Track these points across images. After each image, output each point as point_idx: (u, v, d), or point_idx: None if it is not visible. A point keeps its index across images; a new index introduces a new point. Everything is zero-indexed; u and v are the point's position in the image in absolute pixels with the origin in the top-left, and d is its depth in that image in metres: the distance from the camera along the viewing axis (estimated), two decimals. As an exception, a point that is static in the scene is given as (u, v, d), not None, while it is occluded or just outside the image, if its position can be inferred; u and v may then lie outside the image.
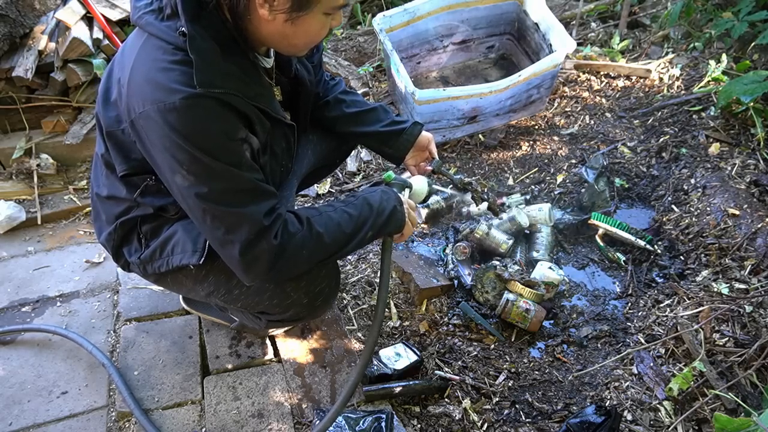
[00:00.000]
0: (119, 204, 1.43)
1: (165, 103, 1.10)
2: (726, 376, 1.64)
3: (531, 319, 1.92)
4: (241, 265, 1.25)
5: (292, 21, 1.16)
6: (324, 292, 1.50)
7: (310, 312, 1.55)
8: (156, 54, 1.15)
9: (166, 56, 1.13)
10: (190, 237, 1.39)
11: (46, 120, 2.60)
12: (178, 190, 1.22)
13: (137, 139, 1.21)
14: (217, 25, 1.17)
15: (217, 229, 1.22)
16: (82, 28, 2.56)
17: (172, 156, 1.15)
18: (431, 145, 1.78)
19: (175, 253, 1.42)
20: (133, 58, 1.17)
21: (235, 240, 1.22)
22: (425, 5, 2.92)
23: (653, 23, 3.62)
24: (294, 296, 1.46)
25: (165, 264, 1.44)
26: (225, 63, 1.16)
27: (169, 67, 1.12)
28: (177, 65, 1.12)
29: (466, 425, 1.65)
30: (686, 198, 2.37)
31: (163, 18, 1.16)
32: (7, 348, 1.85)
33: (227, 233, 1.22)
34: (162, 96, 1.11)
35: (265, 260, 1.25)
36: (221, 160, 1.16)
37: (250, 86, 1.23)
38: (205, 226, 1.24)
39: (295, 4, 1.13)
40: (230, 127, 1.17)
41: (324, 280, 1.48)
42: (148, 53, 1.16)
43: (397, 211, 1.46)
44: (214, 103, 1.13)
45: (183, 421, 1.61)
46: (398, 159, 1.77)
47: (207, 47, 1.13)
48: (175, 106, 1.10)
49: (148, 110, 1.12)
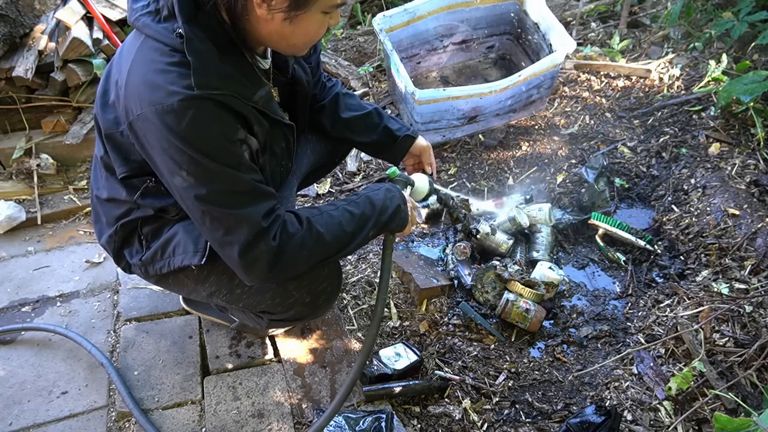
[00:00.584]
0: (119, 206, 1.43)
1: (163, 105, 1.10)
2: (726, 376, 1.64)
3: (531, 319, 1.92)
4: (240, 265, 1.26)
5: (290, 20, 1.16)
6: (326, 291, 1.50)
7: (312, 311, 1.55)
8: (153, 56, 1.14)
9: (163, 58, 1.13)
10: (191, 238, 1.39)
11: (46, 120, 2.60)
12: (178, 191, 1.22)
13: (136, 141, 1.21)
14: (214, 26, 1.16)
15: (216, 230, 1.22)
16: (82, 28, 2.56)
17: (171, 158, 1.15)
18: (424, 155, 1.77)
19: (176, 254, 1.41)
20: (131, 59, 1.17)
21: (234, 241, 1.22)
22: (425, 5, 2.92)
23: (653, 23, 3.62)
24: (296, 295, 1.46)
25: (166, 265, 1.44)
26: (222, 64, 1.16)
27: (166, 68, 1.12)
28: (174, 67, 1.12)
29: (466, 425, 1.65)
30: (686, 198, 2.37)
31: (160, 19, 1.16)
32: (7, 348, 1.85)
33: (226, 234, 1.22)
34: (159, 98, 1.10)
35: (265, 261, 1.25)
36: (219, 161, 1.16)
37: (248, 87, 1.22)
38: (204, 227, 1.24)
39: (293, 3, 1.13)
40: (228, 129, 1.17)
41: (326, 279, 1.49)
42: (145, 55, 1.15)
43: (401, 210, 1.46)
44: (212, 104, 1.13)
45: (183, 421, 1.61)
46: (394, 164, 1.79)
47: (204, 48, 1.13)
48: (172, 108, 1.10)
49: (146, 112, 1.12)
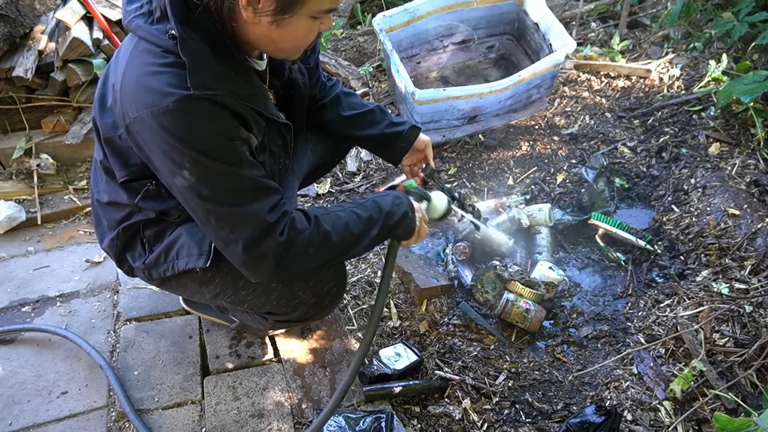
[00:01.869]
0: (120, 210, 1.42)
1: (158, 107, 1.09)
2: (726, 376, 1.64)
3: (531, 319, 1.92)
4: (247, 263, 1.25)
5: (277, 24, 1.14)
6: (332, 292, 1.50)
7: (317, 312, 1.55)
8: (146, 58, 1.14)
9: (156, 59, 1.12)
10: (195, 240, 1.39)
11: (46, 120, 2.60)
12: (180, 192, 1.21)
13: (134, 145, 1.21)
14: (207, 27, 1.15)
15: (222, 229, 1.21)
16: (82, 28, 2.56)
17: (171, 159, 1.14)
18: (427, 150, 1.78)
19: (180, 257, 1.41)
20: (125, 62, 1.16)
21: (240, 239, 1.21)
22: (425, 5, 2.92)
23: (653, 23, 3.62)
24: (302, 296, 1.46)
25: (170, 268, 1.43)
26: (217, 65, 1.15)
27: (160, 70, 1.11)
28: (168, 68, 1.11)
29: (466, 425, 1.65)
30: (686, 198, 2.37)
31: (153, 21, 1.16)
32: (7, 348, 1.85)
33: (232, 232, 1.21)
34: (154, 99, 1.10)
35: (272, 257, 1.24)
36: (220, 160, 1.15)
37: (243, 87, 1.22)
38: (208, 226, 1.24)
39: (279, 7, 1.11)
40: (226, 127, 1.16)
41: (332, 281, 1.48)
42: (139, 57, 1.15)
43: (408, 216, 1.45)
44: (208, 104, 1.12)
45: (183, 421, 1.61)
46: (395, 162, 1.78)
47: (197, 49, 1.12)
48: (168, 109, 1.09)
49: (142, 115, 1.11)
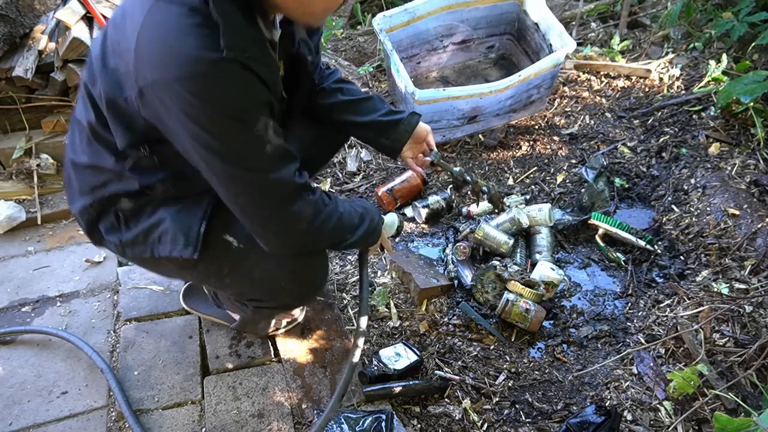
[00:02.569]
0: (99, 174, 1.32)
1: (189, 70, 1.02)
2: (726, 376, 1.64)
3: (531, 319, 1.92)
4: (277, 227, 1.25)
5: None
6: (314, 281, 1.51)
7: (300, 300, 1.59)
8: (169, 17, 1.04)
9: (182, 19, 1.03)
10: (182, 228, 1.32)
11: (46, 120, 2.60)
12: (205, 162, 1.15)
13: (147, 109, 1.12)
14: None
15: (248, 195, 1.19)
16: (82, 28, 2.56)
17: (197, 124, 1.07)
18: (429, 137, 1.75)
19: (162, 242, 1.34)
20: (140, 21, 1.06)
21: (270, 205, 1.20)
22: (425, 5, 2.92)
23: (653, 23, 3.62)
24: (284, 284, 1.45)
25: (149, 251, 1.36)
26: (247, 27, 1.10)
27: (188, 31, 1.03)
28: (197, 28, 1.03)
29: (466, 425, 1.65)
30: (686, 198, 2.37)
31: None
32: (7, 348, 1.85)
33: (262, 198, 1.20)
34: (183, 61, 1.02)
35: (305, 217, 1.26)
36: (251, 126, 1.11)
37: (267, 54, 1.17)
38: (232, 194, 1.20)
39: None
40: (256, 91, 1.11)
41: (315, 268, 1.49)
42: (162, 16, 1.05)
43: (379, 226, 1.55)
44: (239, 67, 1.06)
45: (183, 421, 1.61)
46: (395, 151, 1.71)
47: (230, 10, 1.05)
48: (201, 72, 1.03)
49: (167, 78, 1.03)
